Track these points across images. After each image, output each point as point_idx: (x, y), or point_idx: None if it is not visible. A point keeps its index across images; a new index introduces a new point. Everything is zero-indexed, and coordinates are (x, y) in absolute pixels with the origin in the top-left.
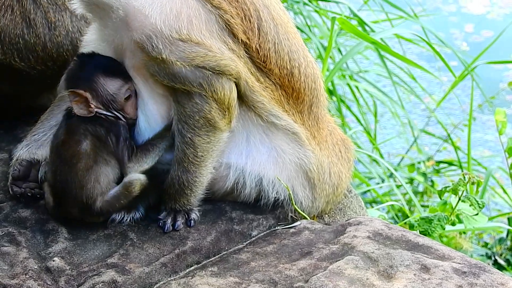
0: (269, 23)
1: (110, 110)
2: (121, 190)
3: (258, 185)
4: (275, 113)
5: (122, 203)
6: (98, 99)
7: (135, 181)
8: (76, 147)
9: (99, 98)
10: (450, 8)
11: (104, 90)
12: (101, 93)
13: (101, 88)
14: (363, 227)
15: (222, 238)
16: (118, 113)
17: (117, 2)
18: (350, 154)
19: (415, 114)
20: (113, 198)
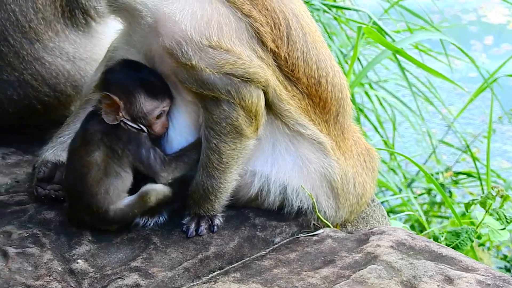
0: (298, 31)
1: (137, 123)
2: (137, 200)
3: (282, 193)
4: (302, 122)
5: (136, 212)
6: (129, 111)
7: (151, 191)
8: (87, 157)
9: (131, 111)
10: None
11: (139, 107)
12: (135, 108)
13: (137, 105)
14: (386, 237)
15: (245, 244)
16: (143, 127)
17: (146, 8)
18: (375, 164)
19: (433, 123)
20: (128, 207)
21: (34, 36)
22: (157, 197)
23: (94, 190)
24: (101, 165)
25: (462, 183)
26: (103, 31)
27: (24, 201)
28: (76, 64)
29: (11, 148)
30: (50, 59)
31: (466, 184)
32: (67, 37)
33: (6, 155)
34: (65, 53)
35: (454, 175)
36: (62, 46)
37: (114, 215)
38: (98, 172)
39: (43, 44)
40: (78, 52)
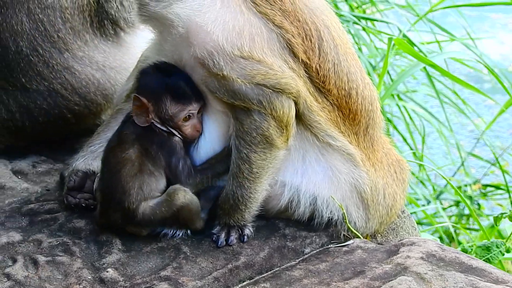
0: (330, 43)
1: (166, 126)
2: (164, 198)
3: (312, 204)
4: (331, 133)
5: (163, 211)
6: (157, 113)
7: (179, 189)
8: (122, 154)
9: (159, 113)
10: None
11: (165, 109)
12: (162, 110)
13: (164, 107)
14: (416, 248)
15: (275, 254)
16: (174, 130)
17: (178, 18)
18: (405, 175)
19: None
20: (156, 204)
21: (63, 45)
22: (185, 196)
23: (127, 185)
24: (136, 161)
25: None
26: (133, 40)
27: (55, 209)
28: (106, 73)
29: (42, 156)
30: (79, 68)
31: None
32: (96, 46)
33: (36, 163)
34: (94, 62)
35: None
36: (91, 55)
37: (143, 212)
38: (132, 168)
39: (73, 53)
40: (108, 61)
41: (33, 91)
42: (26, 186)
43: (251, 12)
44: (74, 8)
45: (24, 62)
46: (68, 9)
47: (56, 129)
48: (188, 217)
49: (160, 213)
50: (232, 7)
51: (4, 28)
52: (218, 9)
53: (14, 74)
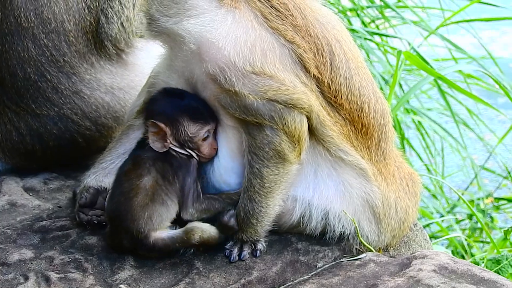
0: (341, 57)
1: (185, 148)
2: (181, 235)
3: (324, 218)
4: (344, 148)
5: (177, 246)
6: (175, 136)
7: (196, 229)
8: (137, 181)
9: (177, 136)
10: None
11: (184, 131)
12: (180, 133)
13: (182, 129)
14: (428, 261)
15: (288, 269)
16: (192, 152)
17: (189, 34)
18: (417, 189)
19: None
20: (170, 239)
21: (70, 69)
22: (202, 236)
23: (137, 214)
24: (149, 190)
25: (503, 209)
26: (135, 59)
27: (67, 226)
28: (115, 94)
29: (53, 173)
30: (88, 92)
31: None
32: (102, 67)
33: (48, 180)
34: (102, 84)
35: (495, 201)
36: (99, 78)
37: (154, 243)
38: (145, 197)
39: (80, 77)
40: (116, 81)
41: (43, 116)
42: (37, 203)
43: (262, 27)
44: (77, 30)
45: (32, 88)
46: (72, 31)
47: (66, 152)
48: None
49: (174, 247)
50: (243, 22)
51: (11, 55)
52: (229, 25)
53: (24, 100)
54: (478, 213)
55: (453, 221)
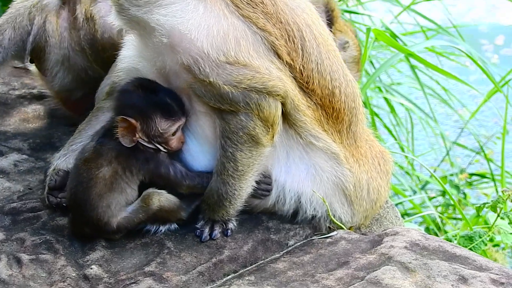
0: (312, 42)
1: (153, 143)
2: (140, 204)
3: (296, 202)
4: (315, 133)
5: (141, 217)
6: (145, 131)
7: (153, 194)
8: (96, 171)
9: (147, 131)
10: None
11: (155, 127)
12: (151, 129)
13: (153, 125)
14: (400, 238)
15: (259, 247)
16: (159, 146)
17: (162, 28)
18: (389, 167)
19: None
20: (132, 213)
21: None
22: (160, 199)
23: (95, 203)
24: (108, 180)
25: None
26: None
27: (37, 207)
28: None
29: (23, 155)
30: None
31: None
32: None
33: (18, 162)
34: None
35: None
36: None
37: (118, 225)
38: (103, 187)
39: None
40: None
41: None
42: (8, 185)
43: (234, 15)
44: None
45: None
46: None
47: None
48: (167, 216)
49: (138, 220)
50: (215, 11)
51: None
52: (201, 15)
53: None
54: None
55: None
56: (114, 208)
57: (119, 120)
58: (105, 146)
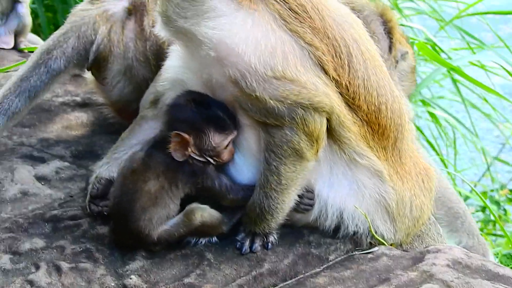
0: (359, 58)
1: (204, 156)
2: (182, 218)
3: (338, 217)
4: (359, 150)
5: (182, 232)
6: (198, 146)
7: (196, 209)
8: (142, 183)
9: (200, 145)
10: None
11: (209, 141)
12: (204, 143)
13: (206, 139)
14: (442, 255)
15: (299, 261)
16: (210, 159)
17: (210, 41)
18: (432, 184)
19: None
20: (173, 226)
21: None
22: (202, 215)
23: (138, 216)
24: (153, 194)
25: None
26: None
27: (78, 215)
28: None
29: (65, 162)
30: None
31: None
32: None
33: (60, 169)
34: None
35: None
36: None
37: (158, 237)
38: (147, 201)
39: None
40: None
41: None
42: (49, 192)
43: (282, 30)
44: None
45: None
46: None
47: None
48: (208, 230)
49: (178, 234)
50: (263, 25)
51: None
52: (249, 28)
53: None
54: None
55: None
56: (155, 222)
57: (172, 135)
58: (153, 159)
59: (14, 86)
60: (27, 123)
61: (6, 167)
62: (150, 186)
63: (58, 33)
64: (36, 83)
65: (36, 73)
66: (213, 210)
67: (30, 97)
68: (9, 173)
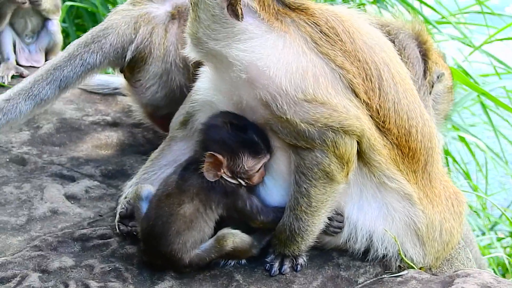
0: (389, 82)
1: (236, 178)
2: (213, 244)
3: (368, 240)
4: (389, 173)
5: (213, 256)
6: (231, 168)
7: (228, 235)
8: (178, 207)
9: (233, 167)
10: None
11: (242, 164)
12: (237, 166)
13: (240, 162)
14: (471, 279)
15: (329, 284)
16: (242, 181)
17: (241, 63)
18: (462, 208)
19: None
20: (204, 251)
21: None
22: (234, 240)
23: (172, 239)
24: (188, 218)
25: None
26: None
27: (107, 235)
28: None
29: (95, 181)
30: None
31: None
32: None
33: (90, 188)
34: None
35: None
36: None
37: (190, 261)
38: (182, 224)
39: None
40: None
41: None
42: (78, 211)
43: (313, 52)
44: None
45: None
46: None
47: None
48: (238, 255)
49: (209, 258)
50: (294, 48)
51: None
52: (280, 51)
53: None
54: None
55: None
56: (189, 246)
57: (208, 156)
58: (187, 181)
59: (47, 73)
60: (57, 142)
61: (36, 186)
62: (185, 209)
63: (97, 28)
64: (69, 74)
65: (70, 64)
66: (244, 235)
67: (61, 87)
68: (39, 191)
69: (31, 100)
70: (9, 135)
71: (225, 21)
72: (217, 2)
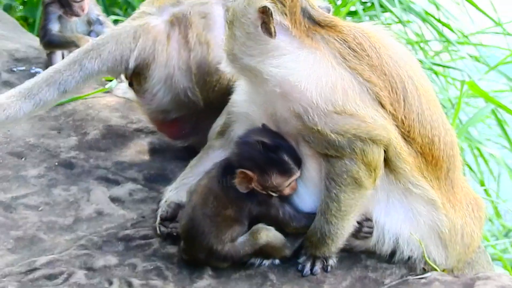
0: (413, 93)
1: (267, 191)
2: (248, 237)
3: (394, 242)
4: (413, 180)
5: (247, 250)
6: (261, 183)
7: (261, 229)
8: (224, 210)
9: (263, 183)
10: None
11: (271, 181)
12: (266, 182)
13: (269, 179)
14: (491, 282)
15: (357, 284)
16: (273, 194)
17: (274, 79)
18: (482, 213)
19: None
20: (240, 244)
21: None
22: (268, 234)
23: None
24: (228, 218)
25: None
26: None
27: (149, 235)
28: None
29: (138, 185)
30: None
31: None
32: None
33: (133, 191)
34: None
35: None
36: None
37: (226, 253)
38: (224, 225)
39: None
40: None
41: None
42: (122, 213)
43: (341, 67)
44: None
45: None
46: None
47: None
48: (271, 251)
49: (244, 252)
50: (324, 63)
51: None
52: (310, 66)
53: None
54: None
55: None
56: (225, 239)
57: (239, 173)
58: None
59: (47, 75)
60: (103, 147)
61: (83, 188)
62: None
63: (98, 38)
64: (68, 78)
65: (70, 69)
66: (278, 232)
67: (59, 90)
68: (86, 193)
69: (30, 99)
70: (58, 140)
71: (259, 39)
72: (251, 20)
